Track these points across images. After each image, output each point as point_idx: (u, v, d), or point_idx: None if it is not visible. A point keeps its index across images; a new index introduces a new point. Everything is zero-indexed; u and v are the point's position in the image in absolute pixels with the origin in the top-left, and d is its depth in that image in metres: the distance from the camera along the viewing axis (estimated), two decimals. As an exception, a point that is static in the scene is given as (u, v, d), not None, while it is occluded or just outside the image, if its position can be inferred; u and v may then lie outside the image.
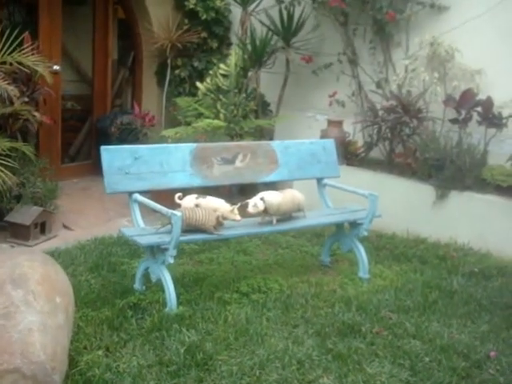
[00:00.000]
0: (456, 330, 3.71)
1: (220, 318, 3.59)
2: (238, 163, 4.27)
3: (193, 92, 6.83)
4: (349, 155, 6.18)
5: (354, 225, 4.42)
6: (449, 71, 5.79)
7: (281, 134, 6.86)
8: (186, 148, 4.08)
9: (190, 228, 3.67)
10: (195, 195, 3.87)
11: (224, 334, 3.40)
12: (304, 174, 4.60)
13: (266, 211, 3.96)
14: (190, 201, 3.85)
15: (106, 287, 3.94)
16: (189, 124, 6.33)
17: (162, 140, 5.95)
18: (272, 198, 3.95)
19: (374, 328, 3.63)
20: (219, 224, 3.75)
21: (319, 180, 4.67)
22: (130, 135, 6.19)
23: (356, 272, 4.48)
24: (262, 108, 6.87)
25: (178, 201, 3.89)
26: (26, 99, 5.18)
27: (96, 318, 3.51)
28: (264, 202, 3.90)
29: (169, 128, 6.43)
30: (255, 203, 3.86)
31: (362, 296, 4.10)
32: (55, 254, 4.52)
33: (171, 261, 3.57)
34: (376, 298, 4.07)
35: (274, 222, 4.01)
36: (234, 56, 6.36)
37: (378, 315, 3.82)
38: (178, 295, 3.76)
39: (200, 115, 6.36)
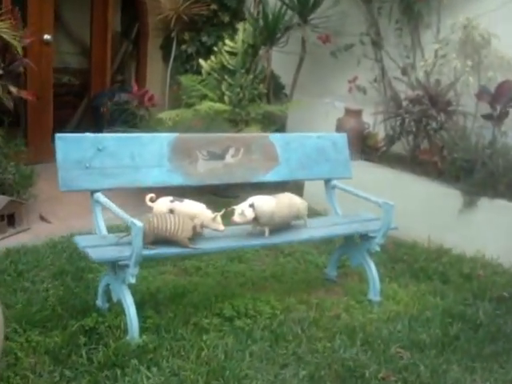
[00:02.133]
0: (480, 376, 3.04)
1: (192, 351, 2.95)
2: (228, 159, 3.60)
3: (200, 70, 6.14)
4: (367, 149, 5.48)
5: (366, 237, 3.73)
6: (484, 59, 5.02)
7: (294, 122, 6.18)
8: (164, 138, 3.41)
9: (160, 239, 3.02)
10: (170, 198, 3.22)
11: (193, 375, 2.76)
12: (308, 174, 3.91)
13: (256, 220, 3.29)
14: (162, 204, 3.19)
15: (64, 302, 3.32)
16: (191, 106, 5.66)
17: (158, 124, 5.30)
18: (264, 204, 3.28)
19: (381, 372, 2.97)
20: (196, 235, 3.10)
21: (327, 181, 3.98)
22: (121, 116, 5.54)
23: (365, 292, 3.80)
24: (275, 91, 6.17)
25: (149, 203, 3.24)
26: (1, 71, 4.56)
27: (41, 345, 2.89)
28: (254, 209, 3.23)
29: (173, 109, 5.77)
30: (242, 211, 3.19)
31: (369, 325, 3.43)
32: (20, 253, 3.95)
33: (132, 280, 2.92)
34: (386, 329, 3.39)
35: (267, 233, 3.34)
36: (242, 31, 5.63)
37: (387, 353, 3.15)
38: (145, 319, 3.13)
39: (205, 97, 5.68)
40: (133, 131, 4.89)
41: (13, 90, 4.62)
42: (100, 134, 3.29)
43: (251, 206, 3.23)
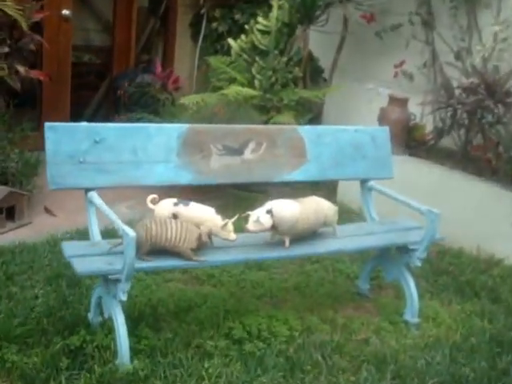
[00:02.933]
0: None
1: (190, 381, 2.51)
2: (247, 154, 3.11)
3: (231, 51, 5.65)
4: (412, 143, 4.92)
5: (405, 250, 3.20)
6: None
7: (331, 110, 5.66)
8: (173, 130, 2.95)
9: (158, 248, 2.57)
10: (174, 200, 2.76)
11: (188, 414, 2.32)
12: (341, 173, 3.40)
13: (275, 228, 2.81)
14: (165, 208, 2.73)
15: (52, 313, 2.91)
16: (219, 90, 5.17)
17: (181, 109, 4.85)
18: (284, 210, 2.79)
19: (414, 417, 2.48)
20: (202, 245, 2.63)
21: (363, 182, 3.46)
22: (140, 100, 5.10)
23: (401, 311, 3.29)
24: (312, 75, 5.63)
25: (150, 205, 2.79)
26: (7, 49, 4.17)
27: (16, 367, 2.49)
28: (272, 215, 2.74)
29: (199, 93, 5.30)
30: (258, 217, 2.71)
31: (403, 354, 2.92)
32: (15, 251, 3.56)
33: (123, 298, 2.48)
34: (423, 359, 2.89)
35: (287, 243, 2.85)
36: (277, 8, 5.10)
37: (422, 392, 2.66)
38: (140, 339, 2.70)
39: (233, 80, 5.19)
40: (150, 118, 4.48)
41: (20, 69, 4.22)
42: (98, 124, 2.84)
43: (269, 212, 2.74)
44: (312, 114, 5.34)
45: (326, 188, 4.70)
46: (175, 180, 2.94)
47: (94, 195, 2.73)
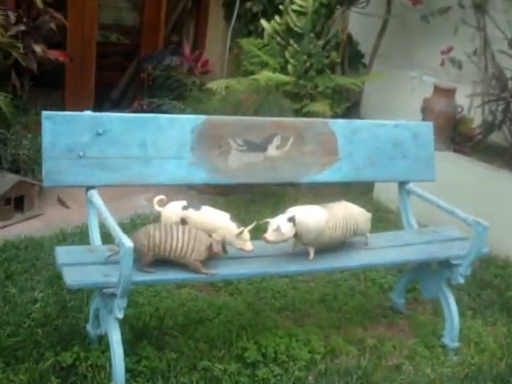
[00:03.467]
0: None
1: (193, 412, 2.20)
2: (271, 150, 2.76)
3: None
4: (458, 138, 4.49)
5: (447, 264, 2.82)
6: None
7: (371, 99, 5.26)
8: (188, 122, 2.61)
9: (162, 258, 2.26)
10: (183, 202, 2.43)
11: None
12: (378, 174, 3.02)
13: (298, 238, 2.46)
14: (173, 211, 2.41)
15: (48, 321, 2.63)
16: (250, 75, 4.82)
17: (206, 95, 4.52)
18: (309, 218, 2.44)
19: None
20: (213, 256, 2.31)
21: (402, 184, 3.07)
22: (165, 84, 4.77)
23: (439, 332, 2.92)
24: (351, 61, 5.23)
25: (157, 208, 2.47)
26: (23, 27, 3.90)
27: (-1, 387, 2.23)
28: (294, 224, 2.40)
29: (230, 78, 4.95)
30: (278, 226, 2.36)
31: (439, 386, 2.57)
32: (20, 247, 3.31)
33: (119, 315, 2.18)
34: (462, 393, 2.52)
35: (311, 255, 2.50)
36: (315, -13, 4.69)
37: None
38: (140, 358, 2.41)
39: (265, 65, 4.82)
40: (173, 104, 4.16)
41: (37, 49, 3.95)
42: (102, 114, 2.53)
43: (291, 220, 2.40)
44: (349, 103, 4.94)
45: (361, 184, 4.32)
46: (188, 179, 2.61)
47: (94, 194, 2.43)
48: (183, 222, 2.38)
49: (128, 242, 2.06)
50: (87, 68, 5.17)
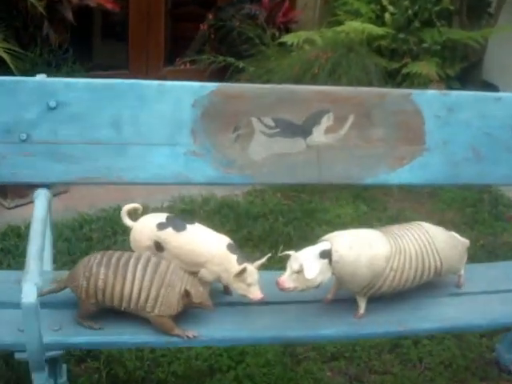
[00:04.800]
0: None
1: None
2: (318, 135, 1.84)
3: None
4: None
5: None
6: None
7: (498, 59, 4.08)
8: (188, 92, 1.74)
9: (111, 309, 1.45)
10: (162, 217, 1.59)
11: None
12: (487, 173, 1.99)
13: (339, 282, 1.56)
14: (143, 232, 1.58)
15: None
16: (340, 25, 3.83)
17: (278, 51, 3.62)
18: (355, 254, 1.52)
19: None
20: (194, 306, 1.46)
21: (523, 188, 2.05)
22: (227, 38, 3.90)
23: None
24: (472, 9, 4.06)
25: (127, 222, 1.64)
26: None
27: None
28: (331, 262, 1.49)
29: (314, 29, 4.01)
30: (302, 266, 1.46)
31: None
32: (22, 234, 2.65)
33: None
34: None
35: (361, 310, 1.58)
36: None
37: None
38: None
39: (357, 13, 3.82)
40: (230, 61, 3.32)
41: (72, -8, 3.25)
42: (56, 79, 1.73)
43: (325, 255, 1.49)
44: (465, 64, 3.84)
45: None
46: (185, 176, 1.76)
47: (41, 195, 1.65)
48: (158, 247, 1.55)
49: (30, 294, 1.26)
50: (155, 18, 4.41)
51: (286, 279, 1.48)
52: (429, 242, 1.62)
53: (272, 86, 1.88)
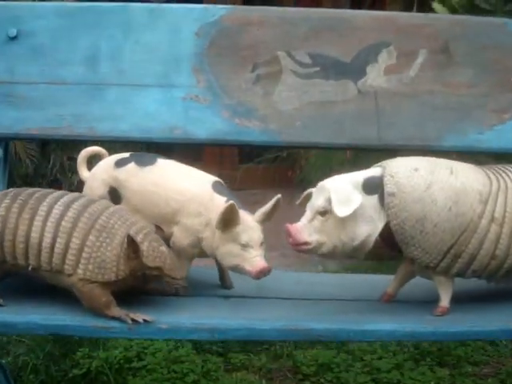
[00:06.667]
0: None
1: None
2: (374, 77, 1.31)
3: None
4: None
5: None
6: None
7: None
8: (189, 14, 1.30)
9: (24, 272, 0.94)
10: (122, 156, 1.09)
11: None
12: None
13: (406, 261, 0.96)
14: (99, 174, 1.08)
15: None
16: None
17: None
18: (417, 177, 0.92)
19: None
20: (147, 280, 0.92)
21: None
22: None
23: None
24: None
25: (83, 174, 1.16)
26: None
27: None
28: (383, 199, 0.90)
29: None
30: (329, 199, 0.89)
31: None
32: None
33: None
34: None
35: (445, 302, 0.95)
36: None
37: None
38: None
39: None
40: None
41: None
42: (19, 2, 1.39)
43: (370, 185, 0.91)
44: None
45: None
46: (183, 130, 1.27)
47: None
48: (114, 196, 1.04)
49: None
50: None
51: (302, 227, 0.89)
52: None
53: (307, 8, 1.38)
